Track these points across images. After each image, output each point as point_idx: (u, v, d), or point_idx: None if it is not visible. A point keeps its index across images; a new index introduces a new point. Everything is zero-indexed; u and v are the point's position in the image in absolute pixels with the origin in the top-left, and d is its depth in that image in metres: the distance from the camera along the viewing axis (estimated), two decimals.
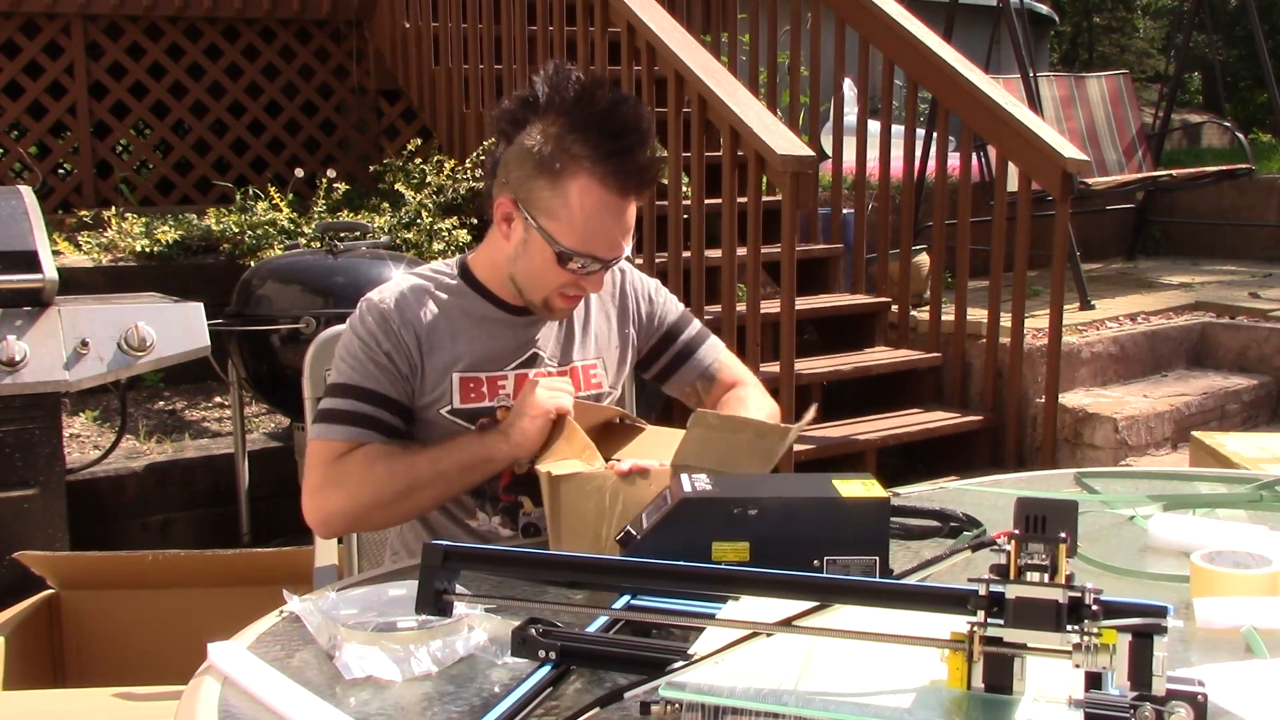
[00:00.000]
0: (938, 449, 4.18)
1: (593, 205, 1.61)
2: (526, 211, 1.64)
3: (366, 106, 5.88)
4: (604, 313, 1.85)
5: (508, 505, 1.76)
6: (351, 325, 1.71)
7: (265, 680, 1.09)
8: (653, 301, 1.91)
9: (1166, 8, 15.93)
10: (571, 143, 1.60)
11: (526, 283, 1.69)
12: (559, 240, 1.62)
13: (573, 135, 1.60)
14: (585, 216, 1.61)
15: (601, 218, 1.62)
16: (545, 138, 1.62)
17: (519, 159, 1.64)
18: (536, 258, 1.66)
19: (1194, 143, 10.17)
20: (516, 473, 1.74)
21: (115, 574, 2.62)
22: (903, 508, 1.57)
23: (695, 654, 1.00)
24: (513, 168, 1.65)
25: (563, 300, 1.70)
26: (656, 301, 1.91)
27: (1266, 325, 4.73)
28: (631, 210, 1.66)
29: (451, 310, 1.72)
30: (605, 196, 1.61)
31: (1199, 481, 1.88)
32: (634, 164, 1.60)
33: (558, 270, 1.65)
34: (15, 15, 5.18)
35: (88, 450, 3.85)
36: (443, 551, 1.10)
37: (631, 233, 1.68)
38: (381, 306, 1.69)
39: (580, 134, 1.60)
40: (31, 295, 2.95)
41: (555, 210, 1.62)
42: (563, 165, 1.60)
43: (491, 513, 1.75)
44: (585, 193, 1.60)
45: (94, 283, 4.25)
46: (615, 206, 1.63)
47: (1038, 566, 0.92)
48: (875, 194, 5.02)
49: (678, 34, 3.92)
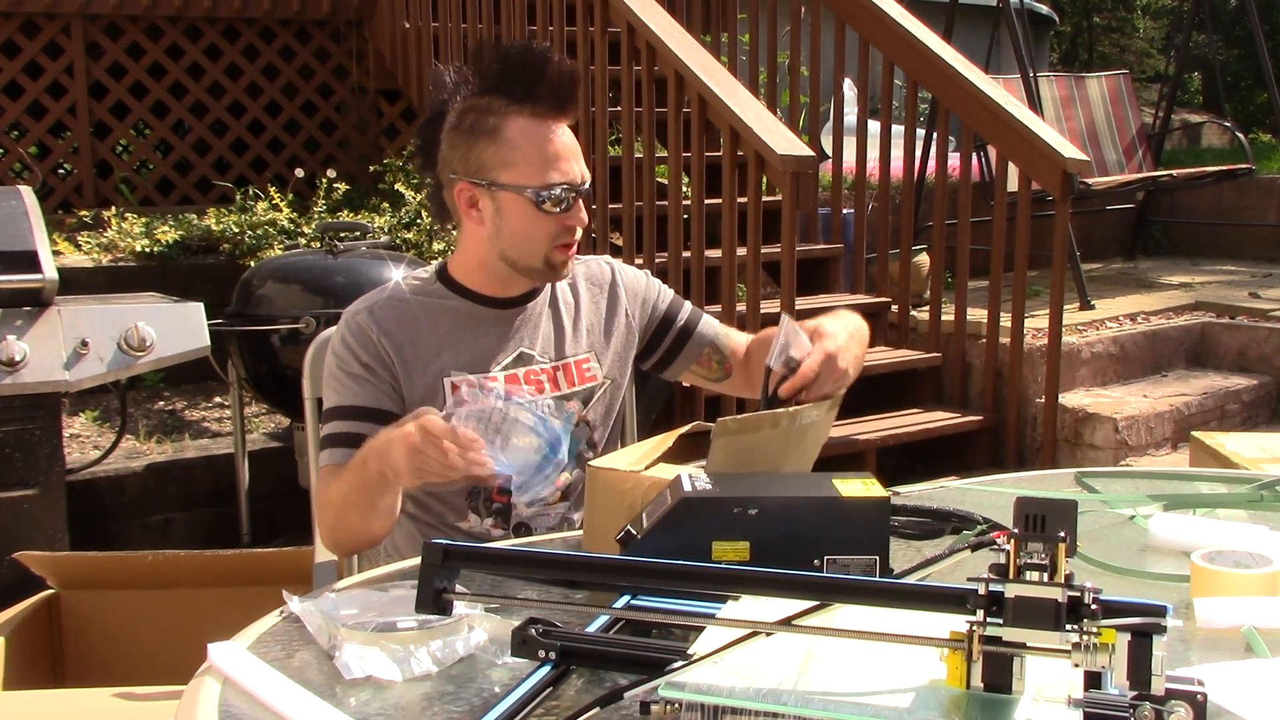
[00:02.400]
0: (938, 449, 4.18)
1: (537, 136, 1.66)
2: (485, 180, 1.67)
3: (366, 106, 5.88)
4: (595, 305, 1.85)
5: (500, 507, 1.75)
6: (333, 345, 1.72)
7: (265, 680, 1.09)
8: (646, 288, 1.91)
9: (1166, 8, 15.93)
10: (490, 102, 1.66)
11: (519, 250, 1.70)
12: (526, 184, 1.65)
13: (487, 97, 1.67)
14: (537, 149, 1.65)
15: (550, 144, 1.66)
16: (464, 115, 1.68)
17: (453, 145, 1.69)
18: (516, 217, 1.68)
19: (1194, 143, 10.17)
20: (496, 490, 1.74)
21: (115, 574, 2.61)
22: (903, 507, 1.57)
23: (695, 654, 1.00)
24: (452, 157, 1.69)
25: (560, 252, 1.71)
26: (650, 289, 1.92)
27: (1266, 325, 4.73)
28: (566, 131, 1.68)
29: (432, 313, 1.73)
30: (543, 125, 1.66)
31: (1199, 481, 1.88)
32: (551, 84, 1.65)
33: (540, 218, 1.67)
34: (15, 15, 5.18)
35: (88, 450, 3.86)
36: (443, 551, 1.10)
37: (581, 155, 1.70)
38: (358, 319, 1.70)
39: (492, 91, 1.66)
40: (31, 295, 2.94)
41: (509, 159, 1.66)
42: (494, 121, 1.65)
43: (484, 514, 1.75)
44: (525, 130, 1.65)
45: (94, 283, 4.25)
46: (555, 131, 1.67)
47: (1037, 566, 0.92)
48: (875, 194, 5.02)
49: (678, 34, 3.92)
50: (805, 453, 1.56)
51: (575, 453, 1.78)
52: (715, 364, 1.92)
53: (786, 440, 1.50)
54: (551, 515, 1.77)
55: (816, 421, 1.55)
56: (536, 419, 1.68)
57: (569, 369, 1.79)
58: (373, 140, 5.88)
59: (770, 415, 1.51)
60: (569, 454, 1.74)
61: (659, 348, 1.93)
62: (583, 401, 1.80)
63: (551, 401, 1.76)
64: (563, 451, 1.70)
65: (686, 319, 1.93)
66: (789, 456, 1.51)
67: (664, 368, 1.95)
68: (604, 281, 1.87)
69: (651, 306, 1.91)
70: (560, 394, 1.77)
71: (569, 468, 1.76)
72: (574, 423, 1.78)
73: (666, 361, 1.94)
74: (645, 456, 1.49)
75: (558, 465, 1.69)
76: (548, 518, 1.77)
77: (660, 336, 1.92)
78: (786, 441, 1.50)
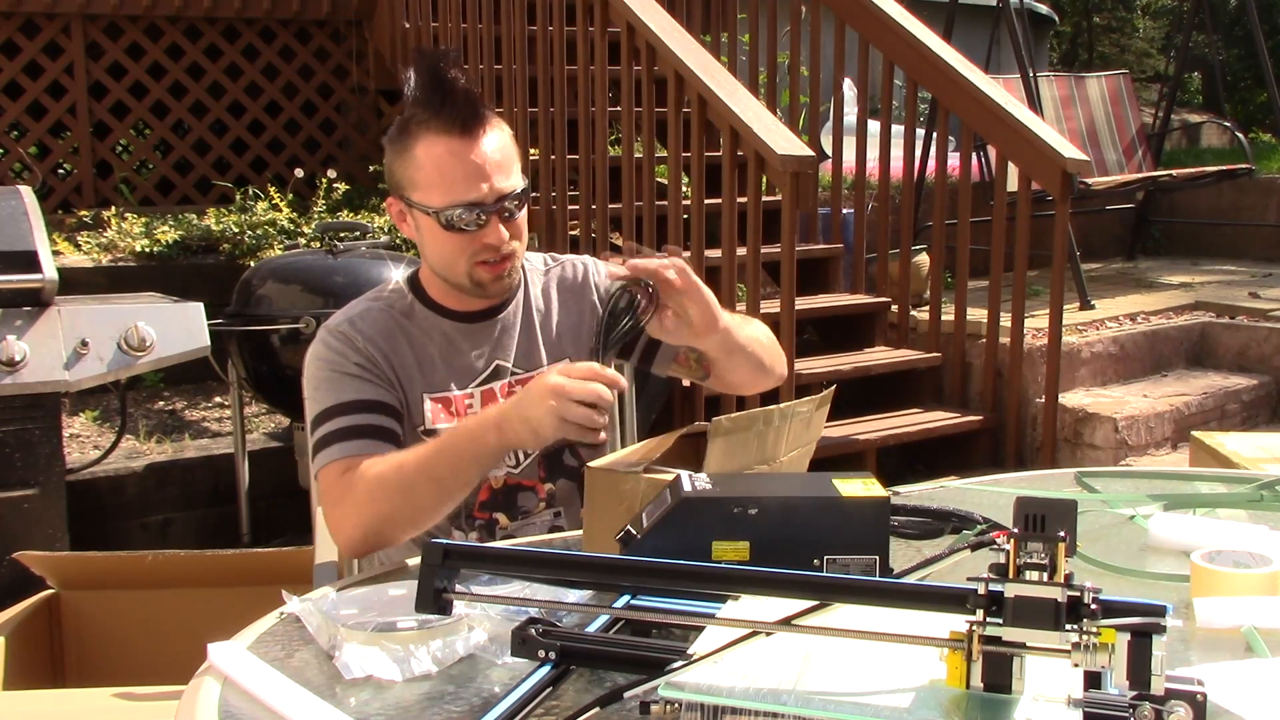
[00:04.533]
0: (938, 449, 4.18)
1: (439, 153, 1.62)
2: (403, 198, 1.66)
3: (366, 106, 5.88)
4: (567, 311, 1.82)
5: (484, 522, 1.74)
6: (315, 355, 1.68)
7: (265, 680, 1.09)
8: None
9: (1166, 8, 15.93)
10: (408, 118, 1.65)
11: (441, 267, 1.68)
12: (429, 204, 1.62)
13: (408, 111, 1.66)
14: (437, 168, 1.62)
15: (451, 162, 1.61)
16: (396, 125, 1.68)
17: (387, 156, 1.69)
18: (428, 236, 1.66)
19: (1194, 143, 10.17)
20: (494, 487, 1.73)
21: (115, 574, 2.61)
22: (903, 507, 1.57)
23: (695, 654, 1.00)
24: (388, 168, 1.69)
25: (485, 269, 1.66)
26: None
27: (1266, 325, 4.73)
28: (483, 144, 1.63)
29: (409, 330, 1.70)
30: (447, 141, 1.61)
31: (1199, 481, 1.88)
32: (454, 102, 1.61)
33: (450, 237, 1.63)
34: (15, 15, 5.18)
35: (88, 450, 3.86)
36: (443, 550, 1.10)
37: (506, 168, 1.64)
38: (341, 329, 1.68)
39: (410, 106, 1.65)
40: (31, 295, 2.94)
41: (415, 179, 1.64)
42: (408, 136, 1.64)
43: (467, 530, 1.73)
44: (429, 148, 1.62)
45: (94, 283, 4.25)
46: (460, 147, 1.62)
47: (1037, 566, 0.92)
48: (875, 194, 5.02)
49: (678, 34, 3.92)
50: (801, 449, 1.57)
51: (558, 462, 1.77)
52: (694, 363, 1.88)
53: (781, 437, 1.50)
54: (537, 524, 1.76)
55: (809, 417, 1.56)
56: None
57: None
58: (373, 140, 5.88)
59: (763, 412, 1.52)
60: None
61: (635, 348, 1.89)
62: None
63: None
64: None
65: None
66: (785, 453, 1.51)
67: (647, 365, 1.92)
68: (577, 285, 1.84)
69: None
70: None
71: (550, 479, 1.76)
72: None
73: (646, 360, 1.90)
74: (644, 458, 1.49)
75: None
76: (533, 527, 1.75)
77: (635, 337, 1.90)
78: (781, 438, 1.50)
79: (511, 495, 1.74)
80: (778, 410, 1.51)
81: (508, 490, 1.74)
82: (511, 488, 1.74)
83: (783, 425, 1.50)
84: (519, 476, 1.75)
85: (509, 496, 1.74)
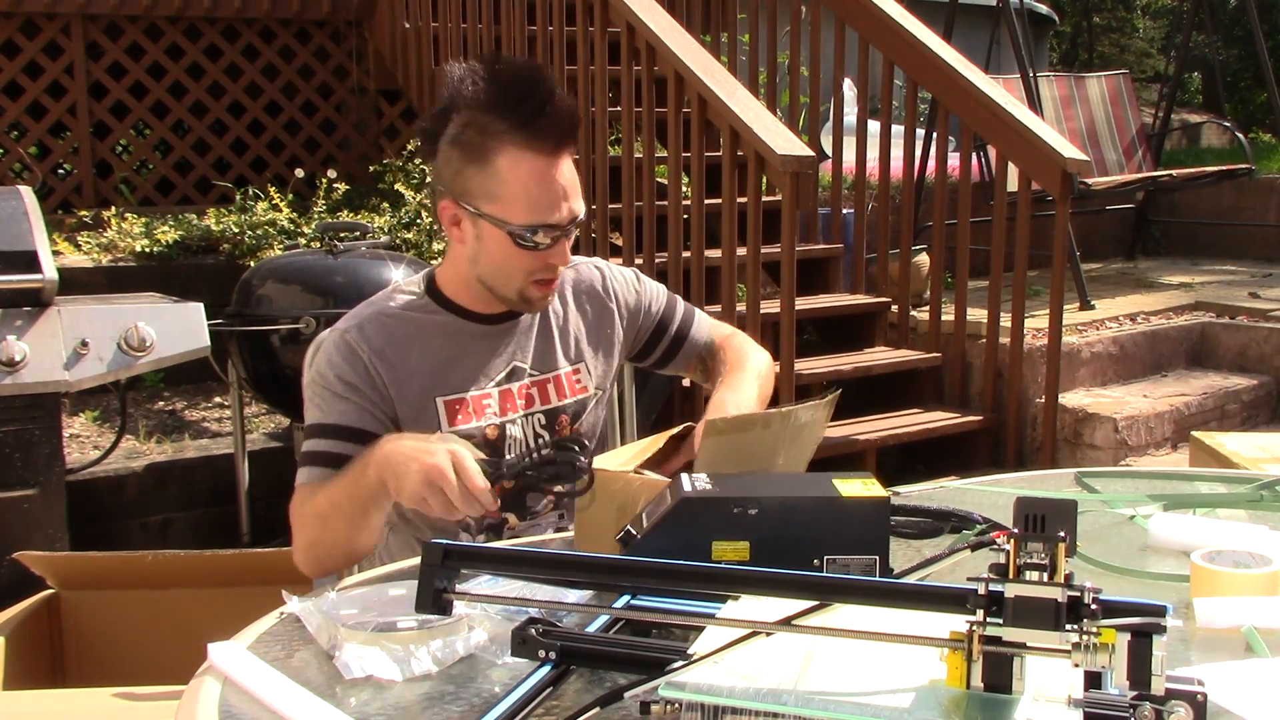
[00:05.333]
0: (938, 449, 4.18)
1: (526, 173, 1.58)
2: (469, 205, 1.62)
3: (366, 106, 5.88)
4: (583, 314, 1.82)
5: (493, 522, 1.74)
6: (316, 362, 1.66)
7: (265, 680, 1.09)
8: (638, 294, 1.88)
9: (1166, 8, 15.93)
10: (487, 122, 1.59)
11: (495, 279, 1.66)
12: (507, 220, 1.59)
13: (486, 116, 1.59)
14: (523, 187, 1.58)
15: (539, 183, 1.59)
16: (464, 128, 1.61)
17: (446, 159, 1.63)
18: (494, 249, 1.63)
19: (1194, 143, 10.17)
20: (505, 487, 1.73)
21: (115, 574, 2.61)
22: (903, 507, 1.57)
23: (695, 654, 1.00)
24: (444, 170, 1.64)
25: (537, 288, 1.66)
26: (641, 294, 1.89)
27: (1266, 325, 4.73)
28: (564, 166, 1.62)
29: (423, 331, 1.69)
30: (535, 160, 1.58)
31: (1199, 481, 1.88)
32: (551, 119, 1.58)
33: (518, 254, 1.61)
34: (15, 15, 5.18)
35: (88, 450, 3.86)
36: (443, 550, 1.10)
37: (578, 190, 1.63)
38: (347, 338, 1.65)
39: (492, 111, 1.59)
40: (31, 295, 2.94)
41: (493, 192, 1.59)
42: (486, 146, 1.59)
43: (476, 531, 1.73)
44: (515, 164, 1.58)
45: (94, 283, 4.25)
46: (547, 167, 1.59)
47: (1037, 566, 0.92)
48: (875, 194, 5.02)
49: (678, 34, 3.92)
50: (799, 453, 1.56)
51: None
52: (700, 371, 1.93)
53: (778, 440, 1.50)
54: (542, 525, 1.76)
55: (810, 422, 1.55)
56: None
57: (559, 381, 1.77)
58: (373, 140, 5.88)
59: (762, 415, 1.52)
60: None
61: (651, 354, 1.92)
62: (574, 415, 1.78)
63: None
64: None
65: (679, 326, 1.91)
66: (782, 456, 1.51)
67: (659, 368, 1.96)
68: (593, 288, 1.84)
69: (643, 312, 1.88)
70: (550, 407, 1.76)
71: None
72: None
73: (660, 365, 1.94)
74: (636, 457, 1.49)
75: None
76: (539, 528, 1.76)
77: (653, 344, 1.91)
78: (778, 442, 1.50)
79: (521, 496, 1.75)
80: (778, 414, 1.50)
81: (518, 491, 1.74)
82: (522, 489, 1.75)
83: (781, 429, 1.50)
84: None
85: (518, 497, 1.75)
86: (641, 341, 1.90)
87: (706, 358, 1.92)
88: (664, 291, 1.93)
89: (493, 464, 1.40)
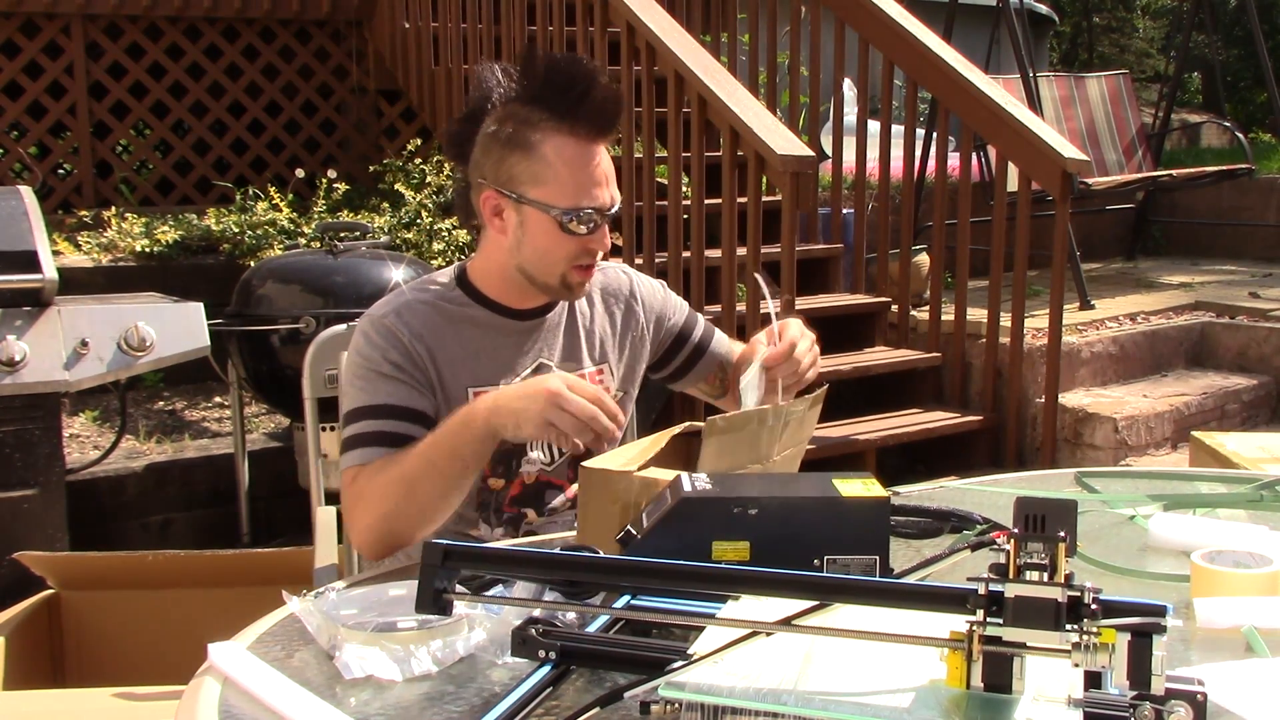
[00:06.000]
0: (937, 449, 4.18)
1: (571, 157, 1.62)
2: (513, 193, 1.64)
3: (366, 106, 5.88)
4: (610, 317, 1.84)
5: (511, 516, 1.75)
6: (355, 347, 1.67)
7: (265, 680, 1.09)
8: (663, 303, 1.90)
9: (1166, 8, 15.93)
10: (529, 113, 1.63)
11: (538, 266, 1.68)
12: (553, 204, 1.62)
13: (529, 107, 1.63)
14: (570, 170, 1.62)
15: (584, 167, 1.63)
16: (504, 121, 1.64)
17: (487, 150, 1.66)
18: (539, 234, 1.65)
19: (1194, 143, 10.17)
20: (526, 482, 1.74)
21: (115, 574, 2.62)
22: (903, 507, 1.57)
23: (695, 654, 1.00)
24: (483, 161, 1.66)
25: (579, 273, 1.68)
26: (667, 303, 1.91)
27: (1266, 325, 4.73)
28: (603, 153, 1.66)
29: (456, 322, 1.70)
30: (579, 146, 1.63)
31: (1199, 481, 1.88)
32: (594, 106, 1.62)
33: (562, 238, 1.64)
34: (15, 15, 5.18)
35: (88, 450, 3.86)
36: (443, 551, 1.10)
37: (613, 177, 1.68)
38: (385, 322, 1.66)
39: (535, 102, 1.63)
40: (31, 295, 2.95)
41: (540, 176, 1.63)
42: (531, 134, 1.62)
43: (495, 524, 1.74)
44: (560, 149, 1.62)
45: (94, 283, 4.26)
46: (591, 153, 1.64)
47: (1037, 565, 0.92)
48: (875, 194, 5.02)
49: (678, 34, 3.92)
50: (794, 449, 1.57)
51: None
52: (719, 383, 1.94)
53: (774, 437, 1.51)
54: (559, 523, 1.77)
55: (802, 417, 1.57)
56: None
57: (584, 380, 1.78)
58: (373, 140, 5.88)
59: (758, 412, 1.52)
60: None
61: (670, 364, 1.93)
62: None
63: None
64: None
65: (700, 338, 1.93)
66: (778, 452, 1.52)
67: (673, 381, 1.97)
68: (621, 293, 1.86)
69: (667, 322, 1.90)
70: None
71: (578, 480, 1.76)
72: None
73: (676, 377, 1.95)
74: (638, 457, 1.49)
75: None
76: (556, 525, 1.76)
77: (673, 354, 1.92)
78: (774, 438, 1.51)
79: (540, 492, 1.76)
80: (772, 410, 1.52)
81: (538, 487, 1.75)
82: (542, 485, 1.76)
83: (776, 425, 1.51)
84: (550, 474, 1.77)
85: (538, 493, 1.75)
86: (662, 350, 1.91)
87: (727, 368, 1.94)
88: (687, 307, 1.96)
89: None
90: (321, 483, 2.09)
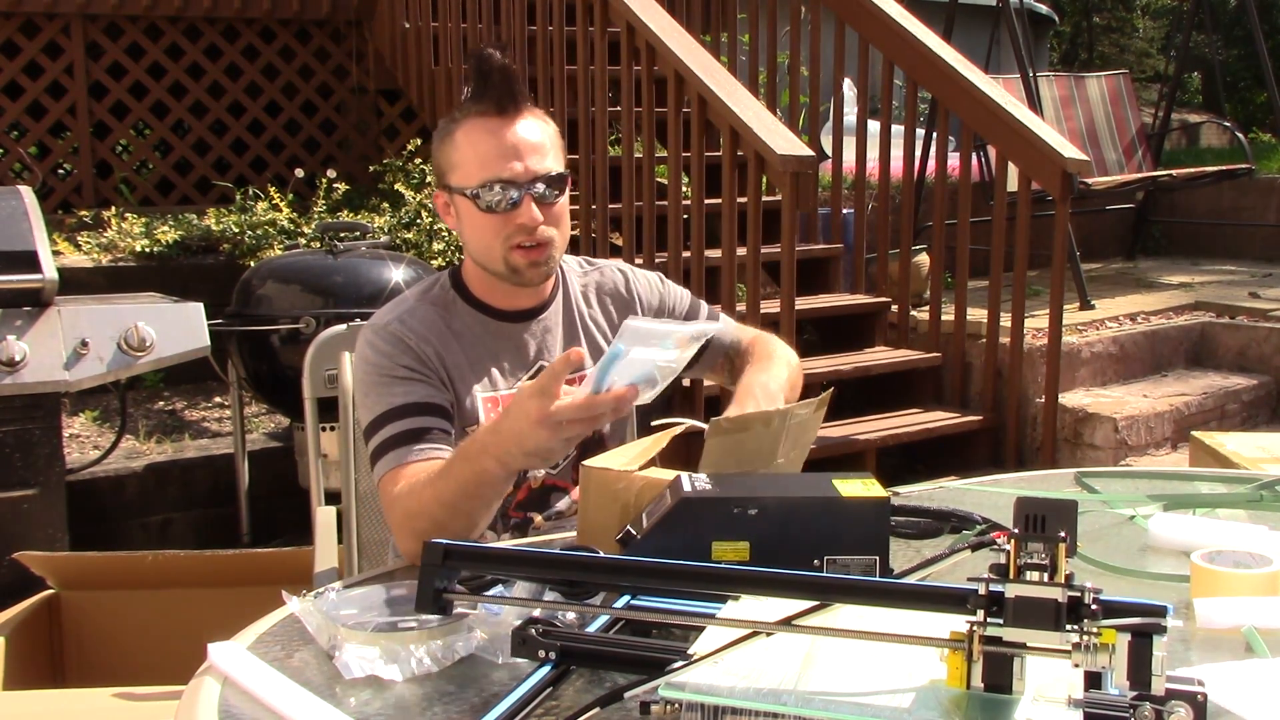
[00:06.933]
0: (937, 449, 4.18)
1: (477, 136, 1.65)
2: (445, 186, 1.69)
3: (366, 106, 5.88)
4: (607, 315, 1.84)
5: (518, 521, 1.75)
6: (363, 357, 1.66)
7: (265, 680, 1.09)
8: (661, 296, 1.89)
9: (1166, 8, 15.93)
10: (457, 111, 1.69)
11: (480, 254, 1.70)
12: (466, 185, 1.65)
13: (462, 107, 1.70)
14: (474, 148, 1.65)
15: (486, 139, 1.65)
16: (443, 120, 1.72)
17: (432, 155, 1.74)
18: (467, 219, 1.68)
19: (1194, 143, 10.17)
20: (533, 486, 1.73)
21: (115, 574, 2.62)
22: (903, 507, 1.57)
23: (695, 654, 1.00)
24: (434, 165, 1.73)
25: (519, 254, 1.67)
26: (665, 296, 1.90)
27: (1266, 325, 4.73)
28: (520, 126, 1.65)
29: (456, 327, 1.71)
30: (484, 122, 1.65)
31: (1199, 481, 1.88)
32: (492, 84, 1.64)
33: (485, 218, 1.65)
34: (15, 15, 5.18)
35: (88, 450, 3.86)
36: (443, 550, 1.10)
37: (545, 150, 1.66)
38: (390, 329, 1.66)
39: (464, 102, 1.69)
40: (31, 295, 2.95)
41: (454, 161, 1.67)
42: (453, 127, 1.68)
43: (502, 530, 1.74)
44: (469, 131, 1.66)
45: (94, 283, 4.26)
46: (496, 125, 1.65)
47: (1037, 566, 0.92)
48: (875, 194, 5.02)
49: (677, 34, 3.92)
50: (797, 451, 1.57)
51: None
52: (727, 372, 1.92)
53: (777, 439, 1.50)
54: (567, 527, 1.77)
55: (808, 420, 1.56)
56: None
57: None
58: (373, 140, 5.88)
59: (763, 414, 1.52)
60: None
61: None
62: None
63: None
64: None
65: None
66: (781, 454, 1.51)
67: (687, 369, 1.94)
68: (616, 290, 1.86)
69: (667, 314, 1.89)
70: None
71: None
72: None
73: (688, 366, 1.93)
74: (639, 457, 1.49)
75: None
76: (563, 528, 1.76)
77: None
78: (777, 440, 1.50)
79: (546, 495, 1.76)
80: (777, 413, 1.51)
81: (544, 490, 1.76)
82: (548, 488, 1.76)
83: (781, 428, 1.51)
84: (555, 477, 1.77)
85: (544, 496, 1.76)
86: None
87: (734, 356, 1.91)
88: (689, 295, 1.94)
89: None
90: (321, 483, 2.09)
